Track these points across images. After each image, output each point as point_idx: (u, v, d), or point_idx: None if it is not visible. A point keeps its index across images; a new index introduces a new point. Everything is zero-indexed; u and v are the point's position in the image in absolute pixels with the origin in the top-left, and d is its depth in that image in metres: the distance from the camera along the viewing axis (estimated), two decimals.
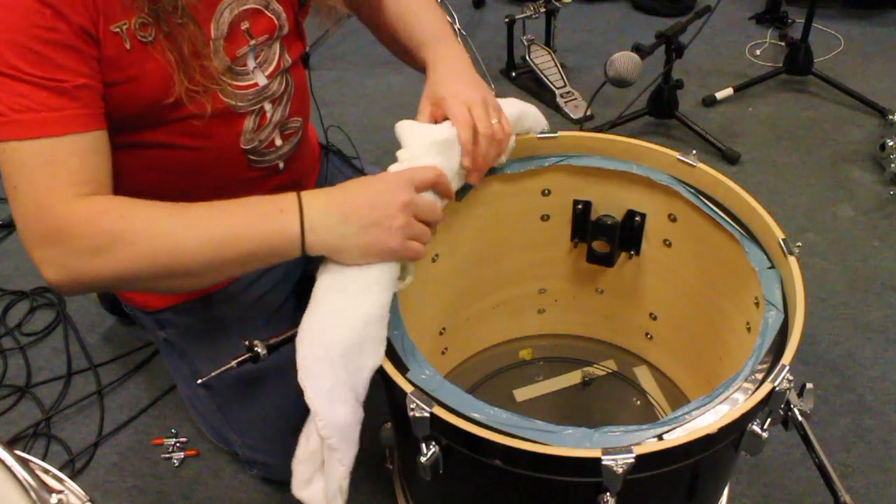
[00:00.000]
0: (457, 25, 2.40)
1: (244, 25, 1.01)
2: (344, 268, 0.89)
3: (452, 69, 1.05)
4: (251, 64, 1.04)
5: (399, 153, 0.97)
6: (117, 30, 0.88)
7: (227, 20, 0.99)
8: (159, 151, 1.02)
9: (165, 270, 0.86)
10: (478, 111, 0.98)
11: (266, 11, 1.04)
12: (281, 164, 1.15)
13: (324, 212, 0.86)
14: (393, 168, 0.95)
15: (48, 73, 0.82)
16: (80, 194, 0.85)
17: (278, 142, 1.12)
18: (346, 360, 0.85)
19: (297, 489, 0.88)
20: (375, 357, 0.88)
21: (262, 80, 1.05)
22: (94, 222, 0.84)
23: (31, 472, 0.66)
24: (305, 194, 0.88)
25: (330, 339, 0.85)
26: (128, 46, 0.89)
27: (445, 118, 1.00)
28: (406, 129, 0.98)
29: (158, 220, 0.85)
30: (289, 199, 0.87)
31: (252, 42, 1.02)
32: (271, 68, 1.06)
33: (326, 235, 0.86)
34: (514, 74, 2.40)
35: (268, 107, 1.08)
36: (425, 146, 0.96)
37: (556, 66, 2.31)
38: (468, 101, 0.99)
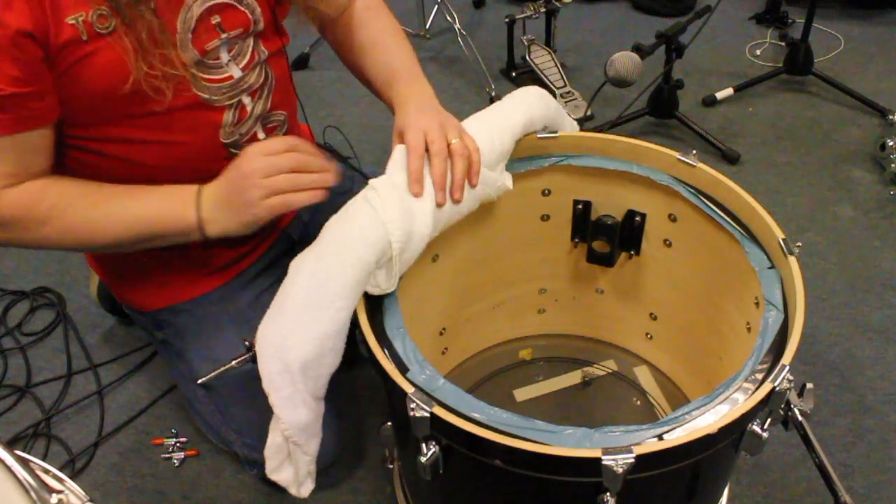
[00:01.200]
0: (457, 25, 2.40)
1: (215, 20, 1.01)
2: (310, 276, 0.92)
3: (415, 105, 1.08)
4: (224, 57, 1.04)
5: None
6: (73, 21, 0.88)
7: (196, 14, 0.99)
8: (134, 147, 1.02)
9: (85, 244, 1.04)
10: (432, 135, 1.01)
11: (239, 6, 1.04)
12: None
13: (212, 204, 1.00)
14: (373, 182, 1.00)
15: None
16: (10, 185, 0.95)
17: (261, 135, 1.13)
18: (305, 373, 0.91)
19: (270, 473, 0.99)
20: (332, 365, 0.94)
21: (236, 72, 1.06)
22: (28, 209, 0.97)
23: (31, 472, 0.66)
24: (204, 190, 1.00)
25: (288, 357, 0.90)
26: (84, 38, 0.90)
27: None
28: (396, 153, 1.04)
29: (80, 208, 0.99)
30: (189, 193, 1.00)
31: (224, 35, 1.02)
32: (245, 61, 1.07)
33: (216, 225, 1.00)
34: (514, 74, 2.40)
35: (246, 100, 1.08)
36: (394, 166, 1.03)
37: (556, 66, 2.31)
38: (424, 128, 1.02)
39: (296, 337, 0.90)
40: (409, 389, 0.83)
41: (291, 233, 1.30)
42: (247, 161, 0.98)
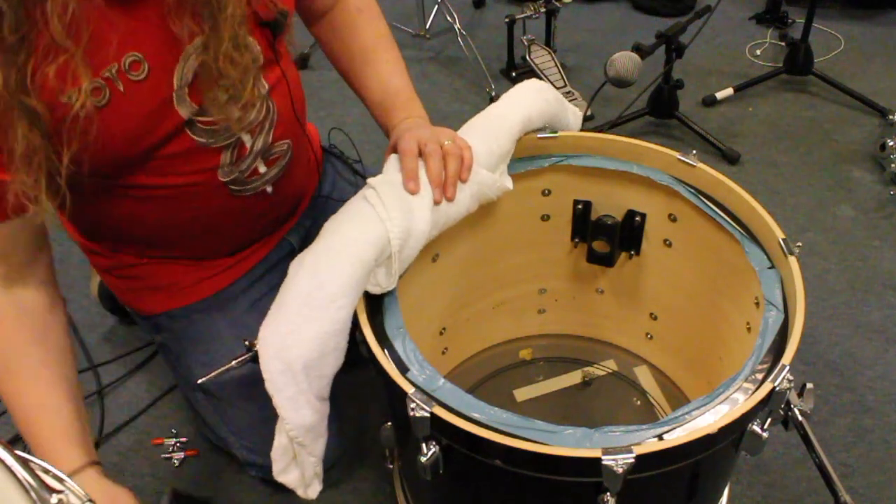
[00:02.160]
0: (457, 25, 2.40)
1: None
2: (310, 275, 0.92)
3: (409, 124, 1.11)
4: (222, 97, 0.96)
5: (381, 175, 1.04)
6: (66, 100, 0.85)
7: (193, 66, 0.94)
8: (135, 191, 1.01)
9: None
10: (424, 139, 1.03)
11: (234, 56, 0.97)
12: (269, 189, 1.12)
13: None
14: (371, 181, 1.01)
15: None
16: None
17: (262, 169, 1.08)
18: (308, 373, 0.90)
19: (278, 475, 0.98)
20: (335, 364, 0.93)
21: (234, 113, 0.99)
22: None
23: (31, 472, 0.66)
24: (81, 476, 0.94)
25: (289, 357, 0.89)
26: (81, 113, 0.86)
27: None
28: (391, 158, 1.06)
29: None
30: (69, 460, 0.93)
31: (223, 82, 0.96)
32: (243, 101, 0.99)
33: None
34: (514, 74, 2.40)
35: (246, 138, 1.03)
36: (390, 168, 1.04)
37: (556, 66, 2.31)
38: (416, 136, 1.04)
39: (297, 336, 0.90)
40: (409, 389, 0.83)
41: (292, 240, 1.28)
42: None
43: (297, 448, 0.95)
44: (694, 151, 1.11)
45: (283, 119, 1.08)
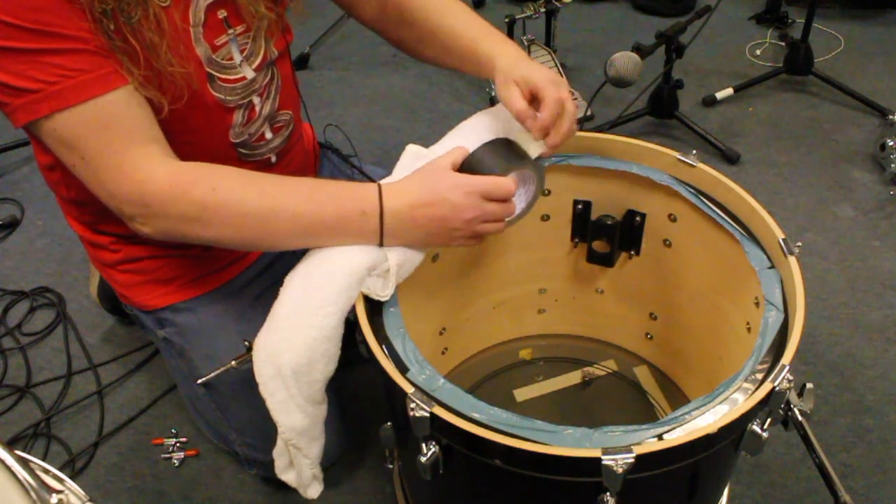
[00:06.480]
0: None
1: (221, 14, 1.01)
2: (302, 284, 0.93)
3: (521, 55, 1.10)
4: (237, 57, 1.03)
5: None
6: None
7: (203, 6, 0.98)
8: None
9: (248, 242, 0.96)
10: (563, 92, 1.02)
11: (241, 1, 1.02)
12: (273, 158, 1.16)
13: (400, 218, 0.92)
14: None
15: (65, 42, 0.82)
16: (153, 155, 0.90)
17: (268, 135, 1.13)
18: (298, 378, 0.92)
19: (279, 473, 1.03)
20: (326, 371, 0.94)
21: (249, 73, 1.05)
22: (184, 191, 0.89)
23: (31, 472, 0.66)
24: (386, 195, 0.92)
25: (280, 362, 0.91)
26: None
27: (532, 96, 1.03)
28: (404, 157, 1.03)
29: (248, 198, 0.91)
30: (371, 198, 0.92)
31: (230, 31, 1.02)
32: (258, 61, 1.06)
33: (399, 238, 0.94)
34: None
35: (256, 100, 1.08)
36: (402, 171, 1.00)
37: (556, 66, 2.30)
38: (555, 80, 1.02)
39: (287, 342, 0.91)
40: (409, 389, 0.83)
41: None
42: (468, 202, 0.92)
43: (292, 450, 0.97)
44: (694, 151, 1.11)
45: (286, 88, 1.13)
